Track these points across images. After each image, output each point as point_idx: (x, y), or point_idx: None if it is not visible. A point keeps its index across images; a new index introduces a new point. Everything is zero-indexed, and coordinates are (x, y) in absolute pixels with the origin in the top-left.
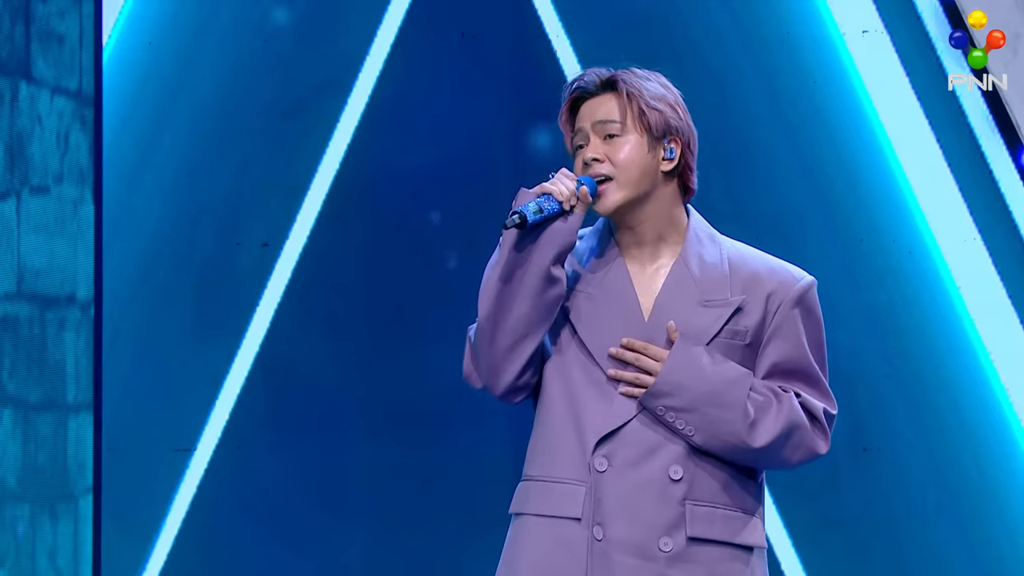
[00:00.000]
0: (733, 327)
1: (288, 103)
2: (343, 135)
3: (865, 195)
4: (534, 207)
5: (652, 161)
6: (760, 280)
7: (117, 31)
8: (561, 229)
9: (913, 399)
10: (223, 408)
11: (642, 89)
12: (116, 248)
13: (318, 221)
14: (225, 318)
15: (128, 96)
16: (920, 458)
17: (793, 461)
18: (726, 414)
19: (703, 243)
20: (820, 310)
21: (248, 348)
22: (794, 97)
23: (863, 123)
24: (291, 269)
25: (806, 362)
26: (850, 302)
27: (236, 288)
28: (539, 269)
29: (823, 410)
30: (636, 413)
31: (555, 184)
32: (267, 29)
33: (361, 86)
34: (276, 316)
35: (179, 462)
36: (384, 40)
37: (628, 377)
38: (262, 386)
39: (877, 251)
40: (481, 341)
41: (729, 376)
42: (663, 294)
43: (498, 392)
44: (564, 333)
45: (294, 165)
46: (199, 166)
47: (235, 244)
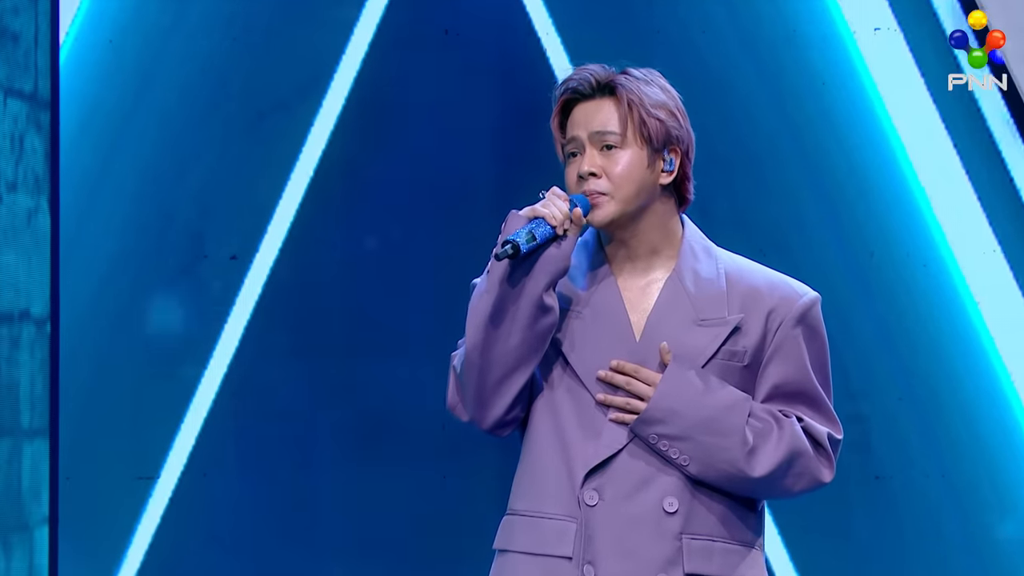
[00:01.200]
0: (730, 347)
1: (259, 106)
2: (317, 140)
3: (876, 204)
4: (526, 235)
5: (651, 175)
6: (760, 296)
7: (75, 28)
8: (555, 256)
9: (929, 423)
10: (189, 432)
11: (643, 96)
12: (74, 261)
13: (290, 232)
14: (191, 336)
15: (87, 98)
16: (936, 487)
17: (795, 491)
18: (723, 441)
19: (698, 257)
20: (824, 328)
21: (215, 368)
22: (800, 100)
23: (874, 127)
24: (261, 284)
25: (809, 384)
26: (860, 319)
27: (203, 304)
28: (532, 298)
29: (827, 435)
30: (627, 442)
31: (547, 207)
32: (237, 26)
33: (337, 87)
34: (245, 334)
35: (142, 490)
36: (362, 38)
37: (618, 402)
38: (230, 409)
39: (889, 264)
40: (468, 374)
41: (726, 401)
42: (656, 312)
43: (486, 426)
44: (550, 356)
45: (265, 172)
46: (163, 173)
47: (202, 257)
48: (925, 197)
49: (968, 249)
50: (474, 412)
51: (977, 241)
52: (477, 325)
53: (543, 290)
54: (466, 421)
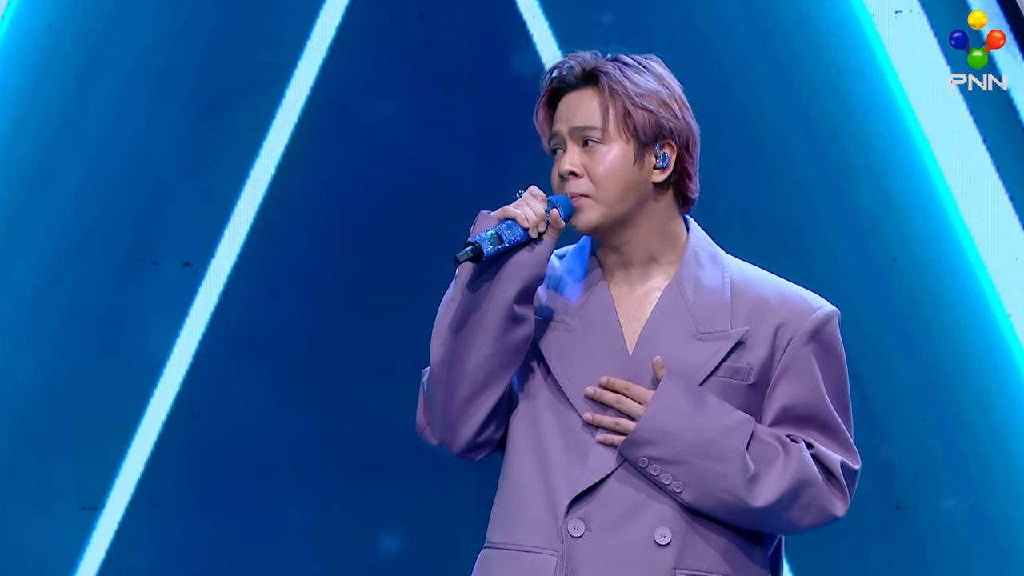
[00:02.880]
0: (733, 364)
1: (214, 96)
2: (279, 134)
3: (898, 205)
4: (492, 236)
5: (640, 172)
6: (768, 309)
7: (11, 11)
8: (526, 261)
9: (956, 447)
10: (137, 458)
11: (628, 84)
12: (8, 269)
13: (250, 236)
14: (139, 352)
15: (24, 89)
16: (965, 519)
17: (803, 524)
18: (720, 467)
19: (702, 264)
20: (842, 346)
21: (166, 388)
22: (814, 90)
23: (896, 120)
24: (217, 293)
25: (822, 407)
26: (881, 333)
27: (152, 316)
28: (501, 307)
29: (840, 464)
30: (616, 466)
31: (520, 207)
32: (188, 7)
33: (301, 76)
34: (200, 350)
35: (85, 522)
36: (328, 21)
37: (606, 422)
38: (183, 432)
39: (913, 271)
40: (435, 391)
41: (725, 422)
42: (651, 324)
43: (456, 449)
44: (535, 371)
45: (222, 169)
46: (108, 171)
47: (151, 264)
48: (951, 197)
49: (999, 255)
50: (443, 434)
51: (1009, 246)
52: (442, 337)
53: (513, 298)
54: (436, 444)
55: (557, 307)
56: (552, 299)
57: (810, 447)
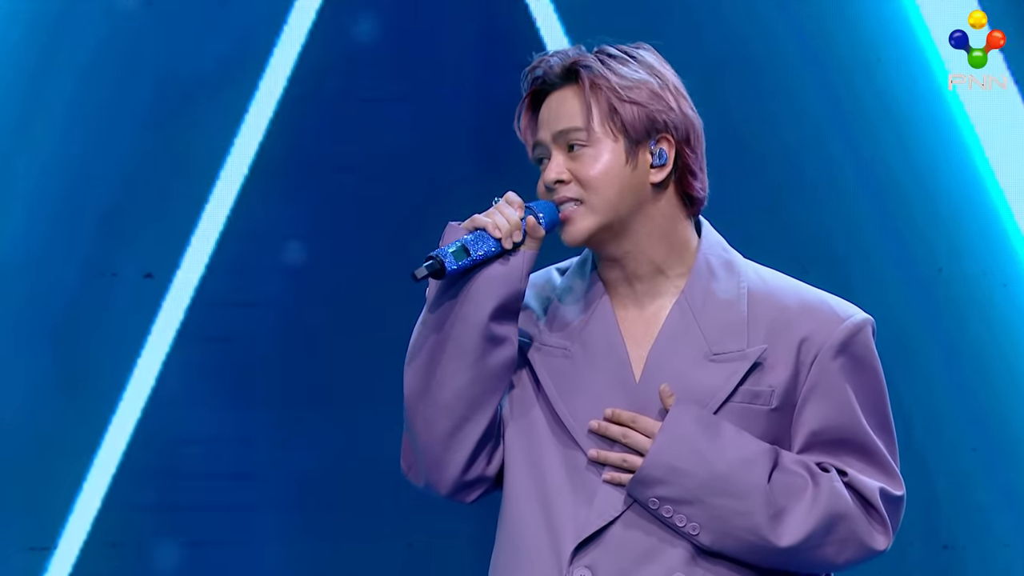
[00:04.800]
0: (752, 387)
1: (180, 88)
2: (254, 128)
3: (945, 209)
4: (456, 249)
5: (634, 173)
6: (791, 322)
7: None
8: (500, 275)
9: (1009, 481)
10: (93, 494)
11: (611, 77)
12: None
13: (219, 245)
14: (96, 373)
15: None
16: (1018, 560)
17: (840, 562)
18: (739, 504)
19: (715, 274)
20: (877, 358)
21: (126, 413)
22: (851, 80)
23: (942, 113)
24: (183, 308)
25: (857, 429)
26: (925, 352)
27: (110, 334)
28: (475, 329)
29: (879, 491)
30: (625, 508)
31: (491, 215)
32: None
33: (277, 64)
34: (163, 371)
35: (35, 564)
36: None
37: (613, 459)
38: (145, 465)
39: (961, 283)
40: (413, 427)
41: (742, 453)
42: (658, 346)
43: (444, 491)
44: (534, 403)
45: (188, 170)
46: (62, 172)
47: (109, 275)
48: (1004, 201)
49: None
50: (427, 474)
51: None
52: (414, 366)
53: (488, 317)
54: (422, 488)
55: (555, 331)
56: (550, 321)
57: (843, 475)
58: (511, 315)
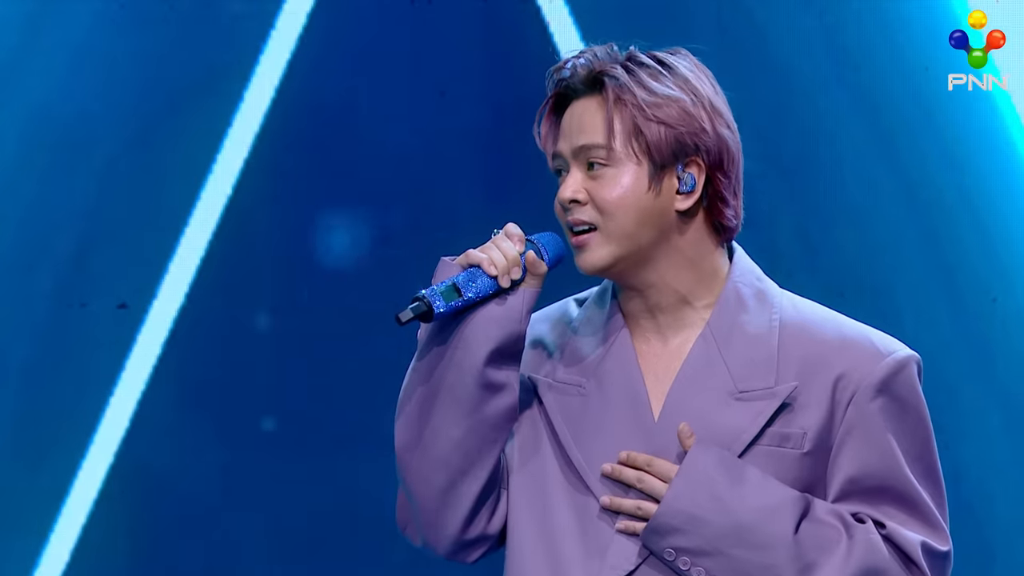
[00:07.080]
0: (782, 429)
1: (159, 96)
2: (239, 142)
3: (1000, 238)
4: (446, 289)
5: (657, 200)
6: (826, 358)
7: None
8: (497, 316)
9: None
10: (64, 539)
11: (638, 92)
12: None
13: (200, 272)
14: (68, 408)
15: None
16: None
17: None
18: (764, 557)
19: (745, 304)
20: (922, 399)
21: (99, 454)
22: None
23: (999, 133)
24: (160, 342)
25: (899, 476)
26: (978, 389)
27: (81, 368)
28: (470, 376)
29: (921, 545)
30: (640, 561)
31: (487, 250)
32: None
33: (265, 71)
34: (139, 408)
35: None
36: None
37: (627, 507)
38: (122, 502)
39: (1017, 314)
40: (406, 482)
41: (768, 501)
42: (679, 383)
43: (442, 551)
44: (543, 445)
45: (166, 189)
46: (30, 193)
47: (79, 305)
48: None
49: None
50: (424, 533)
51: None
52: (404, 416)
53: (484, 362)
54: (420, 547)
55: (569, 366)
56: (564, 356)
57: (882, 527)
58: (510, 359)
